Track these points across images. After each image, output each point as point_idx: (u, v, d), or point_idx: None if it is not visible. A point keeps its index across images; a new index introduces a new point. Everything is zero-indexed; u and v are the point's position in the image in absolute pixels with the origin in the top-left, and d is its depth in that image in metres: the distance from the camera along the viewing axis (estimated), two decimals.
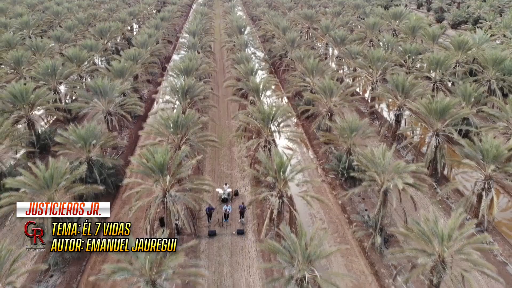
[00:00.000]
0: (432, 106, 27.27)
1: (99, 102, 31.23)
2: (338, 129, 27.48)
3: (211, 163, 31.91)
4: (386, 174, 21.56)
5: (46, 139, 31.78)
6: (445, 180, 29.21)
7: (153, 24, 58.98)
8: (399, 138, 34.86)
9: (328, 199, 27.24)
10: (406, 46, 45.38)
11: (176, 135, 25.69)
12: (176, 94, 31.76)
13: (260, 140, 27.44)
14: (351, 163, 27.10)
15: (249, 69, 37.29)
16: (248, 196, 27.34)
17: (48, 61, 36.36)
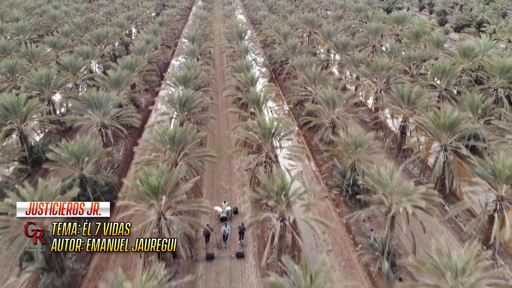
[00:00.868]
0: (441, 120, 26.11)
1: (94, 114, 30.15)
2: (342, 144, 26.34)
3: (209, 177, 30.79)
4: (394, 196, 20.46)
5: (39, 153, 30.67)
6: (453, 196, 28.08)
7: (151, 29, 57.84)
8: (404, 150, 33.74)
9: (331, 217, 26.12)
10: (410, 53, 44.23)
11: (172, 152, 24.57)
12: (173, 106, 30.62)
13: (260, 155, 26.32)
14: (355, 180, 25.99)
15: (249, 78, 36.16)
16: (248, 213, 26.26)
17: (42, 70, 35.22)
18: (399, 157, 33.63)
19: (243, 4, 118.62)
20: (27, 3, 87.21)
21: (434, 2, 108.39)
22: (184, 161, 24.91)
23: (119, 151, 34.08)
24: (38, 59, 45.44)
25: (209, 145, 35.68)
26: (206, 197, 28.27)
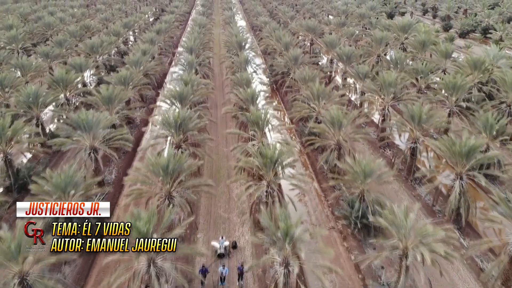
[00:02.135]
0: (456, 148, 24.12)
1: (83, 136, 28.17)
2: (350, 173, 24.37)
3: (206, 204, 28.79)
4: (409, 239, 18.52)
5: (25, 178, 28.73)
6: (469, 228, 26.05)
7: (148, 38, 55.81)
8: (415, 172, 31.74)
9: (339, 253, 24.13)
10: (417, 66, 42.21)
11: (166, 184, 22.61)
12: (168, 128, 28.66)
13: (261, 185, 24.30)
14: (364, 212, 24.04)
15: (250, 95, 34.18)
16: (248, 248, 24.28)
17: (30, 87, 33.28)
18: (409, 180, 31.66)
19: (243, 8, 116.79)
20: (22, 9, 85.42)
21: (437, 6, 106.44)
22: (178, 193, 22.99)
23: (111, 173, 32.17)
24: (29, 71, 43.59)
25: (206, 165, 33.71)
26: (203, 228, 26.35)
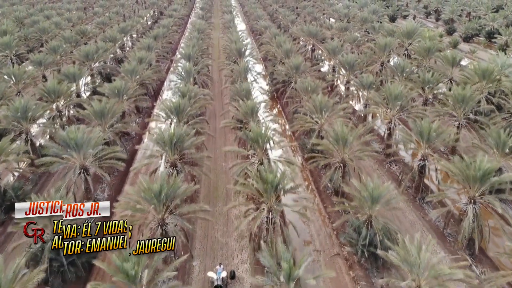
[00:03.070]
0: (471, 172, 22.54)
1: (73, 154, 26.62)
2: (356, 198, 22.81)
3: (203, 226, 27.20)
4: (423, 277, 16.98)
5: (13, 199, 27.20)
6: (482, 254, 24.50)
7: (145, 44, 54.16)
8: (423, 191, 30.20)
9: (344, 283, 22.57)
10: (424, 75, 40.60)
11: (159, 212, 21.05)
12: (163, 147, 27.10)
13: (261, 209, 22.72)
14: (372, 239, 22.48)
15: (250, 108, 32.62)
16: (248, 278, 22.72)
17: (18, 101, 31.72)
18: (417, 199, 30.13)
19: (243, 11, 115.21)
20: (18, 12, 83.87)
21: (440, 9, 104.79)
22: (172, 221, 21.44)
23: (103, 190, 30.65)
24: (21, 80, 42.07)
25: (204, 182, 32.13)
26: (199, 254, 24.80)
